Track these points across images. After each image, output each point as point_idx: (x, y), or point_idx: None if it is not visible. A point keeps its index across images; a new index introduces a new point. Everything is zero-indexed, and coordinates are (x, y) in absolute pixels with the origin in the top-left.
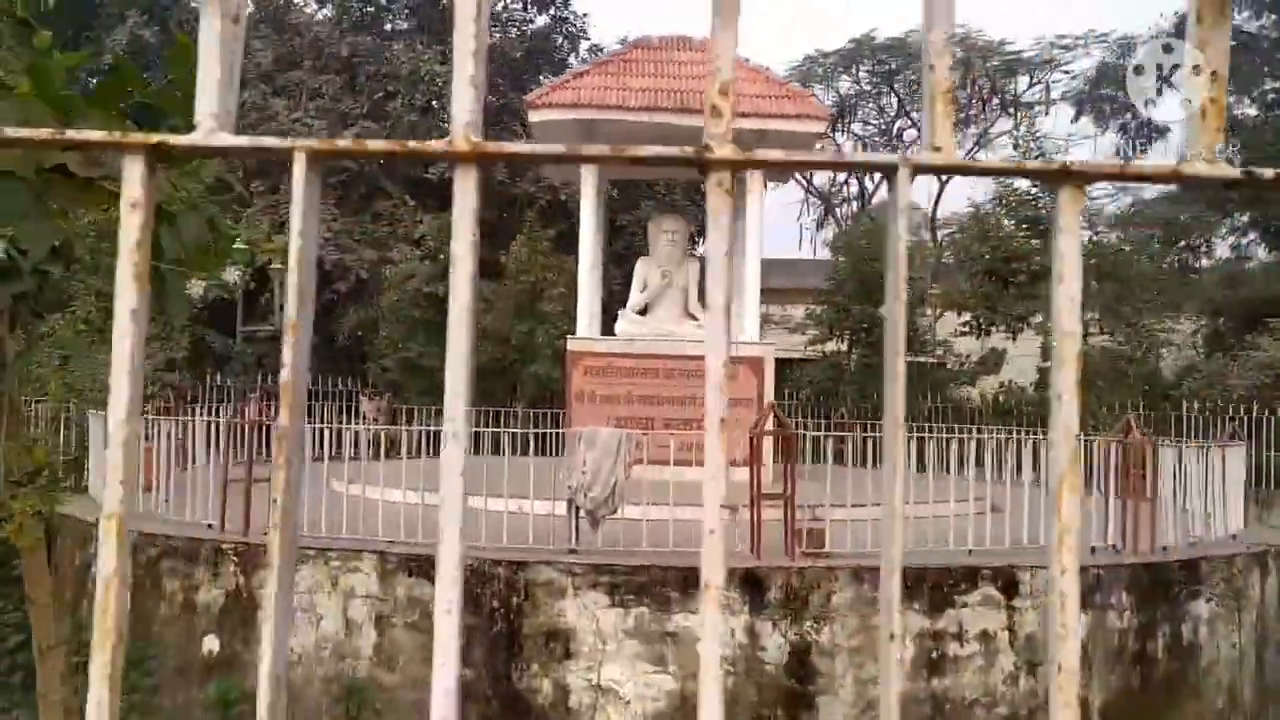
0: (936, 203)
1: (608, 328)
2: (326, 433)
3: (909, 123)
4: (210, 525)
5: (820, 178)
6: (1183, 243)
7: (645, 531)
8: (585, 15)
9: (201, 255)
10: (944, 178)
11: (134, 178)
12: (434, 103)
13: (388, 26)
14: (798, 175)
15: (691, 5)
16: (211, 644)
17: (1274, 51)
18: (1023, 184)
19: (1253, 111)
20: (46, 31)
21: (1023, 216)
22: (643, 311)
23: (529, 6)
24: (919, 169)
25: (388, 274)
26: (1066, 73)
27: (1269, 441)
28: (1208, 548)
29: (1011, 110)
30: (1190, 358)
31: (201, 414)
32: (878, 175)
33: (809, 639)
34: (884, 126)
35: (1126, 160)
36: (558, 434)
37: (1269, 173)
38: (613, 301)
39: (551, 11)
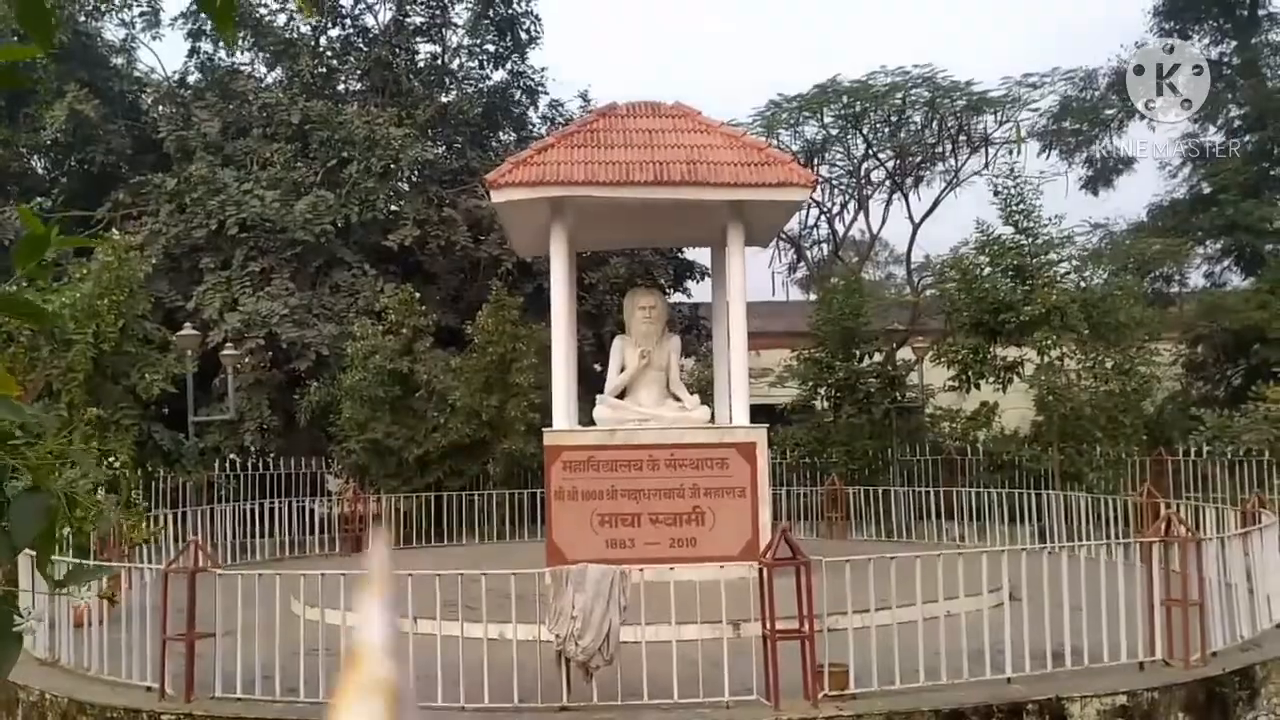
0: (912, 241)
1: (587, 396)
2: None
3: (876, 163)
4: (150, 689)
5: (790, 221)
6: (1156, 273)
7: (645, 663)
8: (544, 69)
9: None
10: (918, 218)
11: None
12: (392, 166)
13: (340, 87)
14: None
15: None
16: None
17: (1236, 78)
18: (1007, 230)
19: (1219, 138)
20: None
21: (1008, 265)
22: (622, 394)
23: (485, 65)
24: None
25: (349, 350)
26: (1034, 110)
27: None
28: (1259, 646)
29: (981, 148)
30: (1171, 389)
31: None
32: (848, 215)
33: None
34: (851, 167)
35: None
36: (537, 511)
37: None
38: (585, 362)
39: (509, 67)
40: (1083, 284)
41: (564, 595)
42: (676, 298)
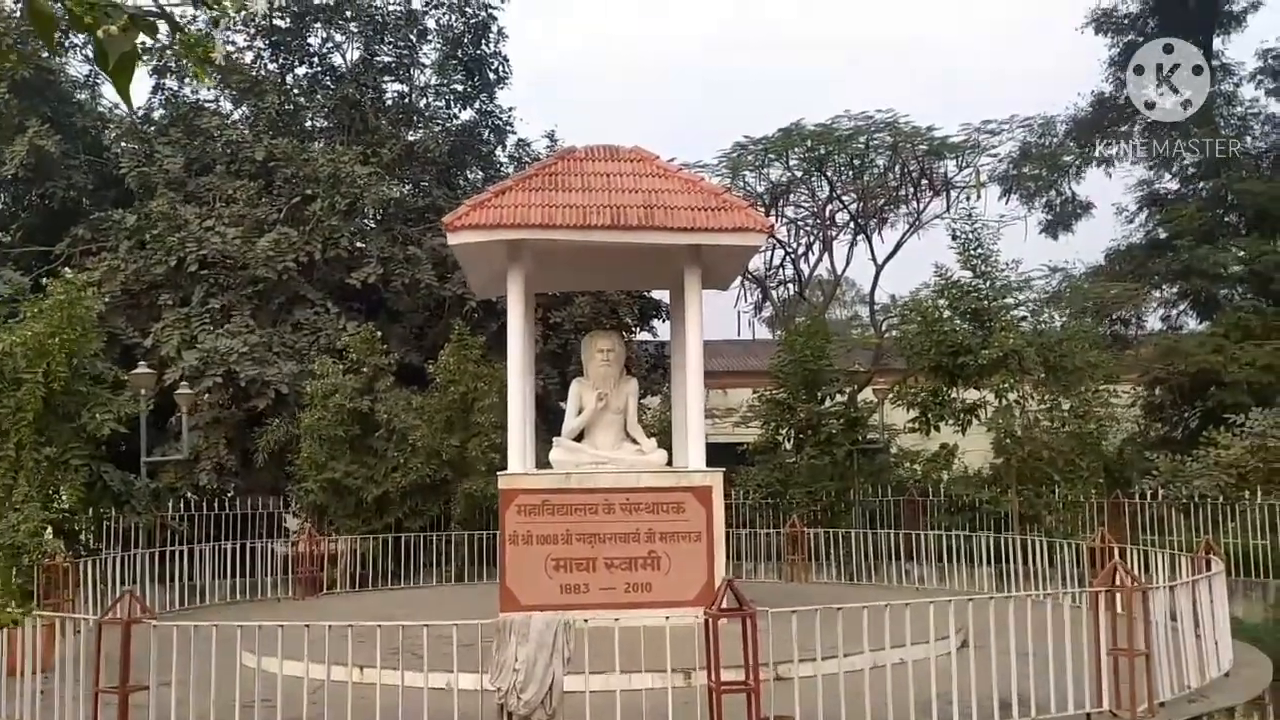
0: (875, 283)
1: (552, 436)
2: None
3: (840, 205)
4: None
5: (755, 261)
6: (1114, 316)
7: (589, 714)
8: (511, 109)
9: None
10: (881, 260)
11: None
12: (356, 203)
13: (307, 124)
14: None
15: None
16: None
17: (1189, 126)
18: (966, 274)
19: (1174, 185)
20: None
21: (966, 309)
22: (579, 437)
23: (452, 104)
24: None
25: (309, 388)
26: (994, 155)
27: (1234, 530)
28: (1207, 696)
29: (942, 193)
30: (1130, 430)
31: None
32: (813, 255)
33: None
34: (815, 209)
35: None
36: (498, 552)
37: None
38: (550, 401)
39: (476, 106)
40: (1040, 327)
41: (507, 647)
42: (643, 336)
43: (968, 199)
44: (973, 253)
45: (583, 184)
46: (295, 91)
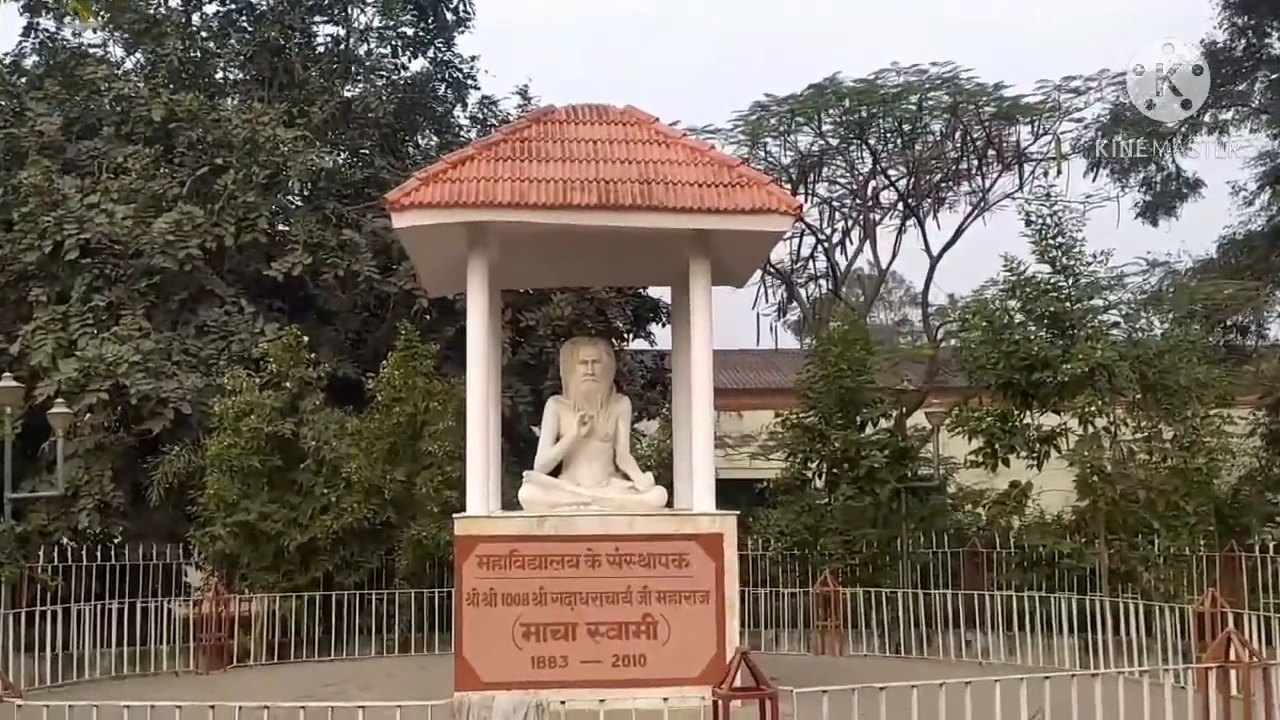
0: (929, 279)
1: (523, 468)
2: None
3: (886, 182)
4: None
5: (778, 250)
6: (1228, 321)
7: None
8: (474, 59)
9: None
10: (936, 250)
11: None
12: (279, 175)
13: (218, 76)
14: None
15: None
16: None
17: None
18: (1043, 268)
19: None
20: None
21: (1043, 312)
22: (557, 470)
23: (400, 51)
24: None
25: (217, 408)
26: (1077, 120)
27: None
28: None
29: (1013, 166)
30: (1248, 465)
31: None
32: (851, 244)
33: None
34: (855, 186)
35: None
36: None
37: None
38: (520, 426)
39: (430, 54)
40: (1136, 335)
41: None
42: (637, 344)
43: (1045, 174)
44: (1051, 242)
45: (563, 152)
46: (203, 35)
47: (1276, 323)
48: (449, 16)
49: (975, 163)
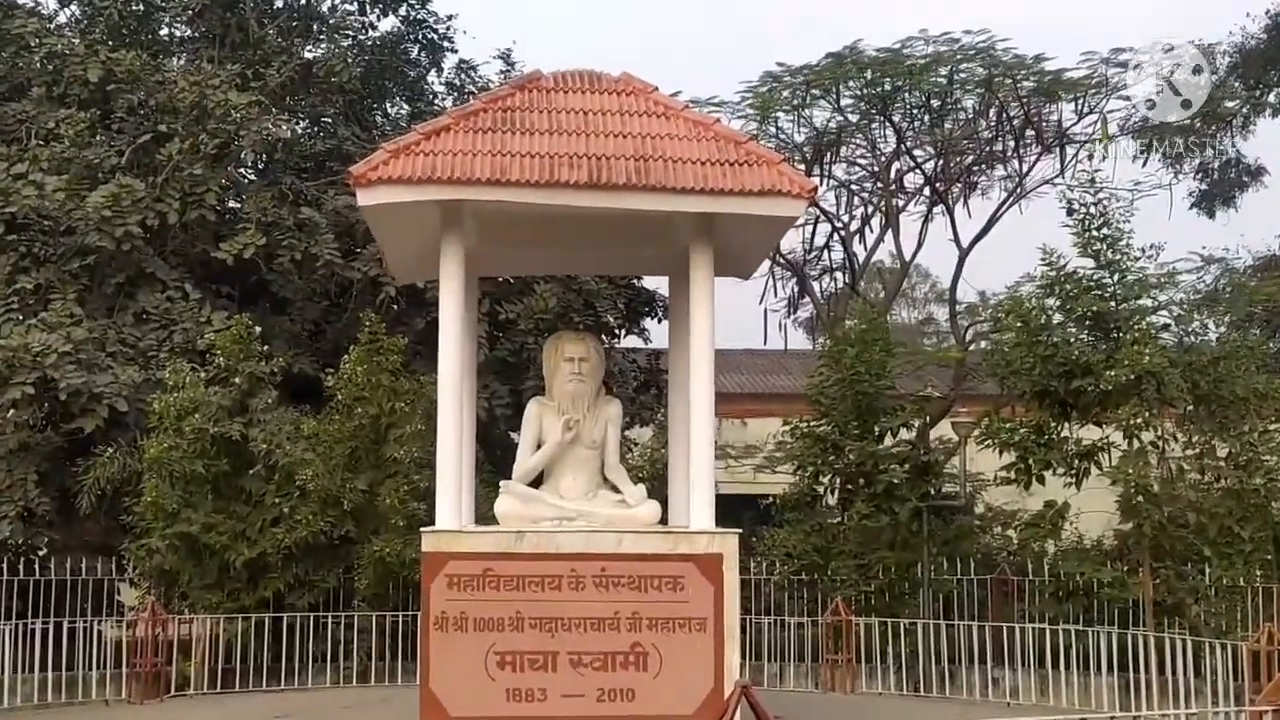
0: (958, 273)
1: (501, 478)
2: None
3: (911, 164)
4: None
5: (790, 239)
6: None
7: None
8: (451, 18)
9: None
10: (967, 241)
11: None
12: (230, 145)
13: (163, 32)
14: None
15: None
16: None
17: None
18: (1085, 262)
19: None
20: None
21: (1085, 312)
22: (538, 481)
23: (368, 9)
24: None
25: (156, 405)
26: (1127, 98)
27: None
28: None
29: (1054, 149)
30: None
31: None
32: (871, 233)
33: None
34: (876, 168)
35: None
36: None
37: None
38: (497, 430)
39: (402, 12)
40: (1189, 340)
41: None
42: (630, 342)
43: (1090, 158)
44: (1095, 234)
45: (550, 124)
46: None
47: None
48: None
49: (1011, 144)
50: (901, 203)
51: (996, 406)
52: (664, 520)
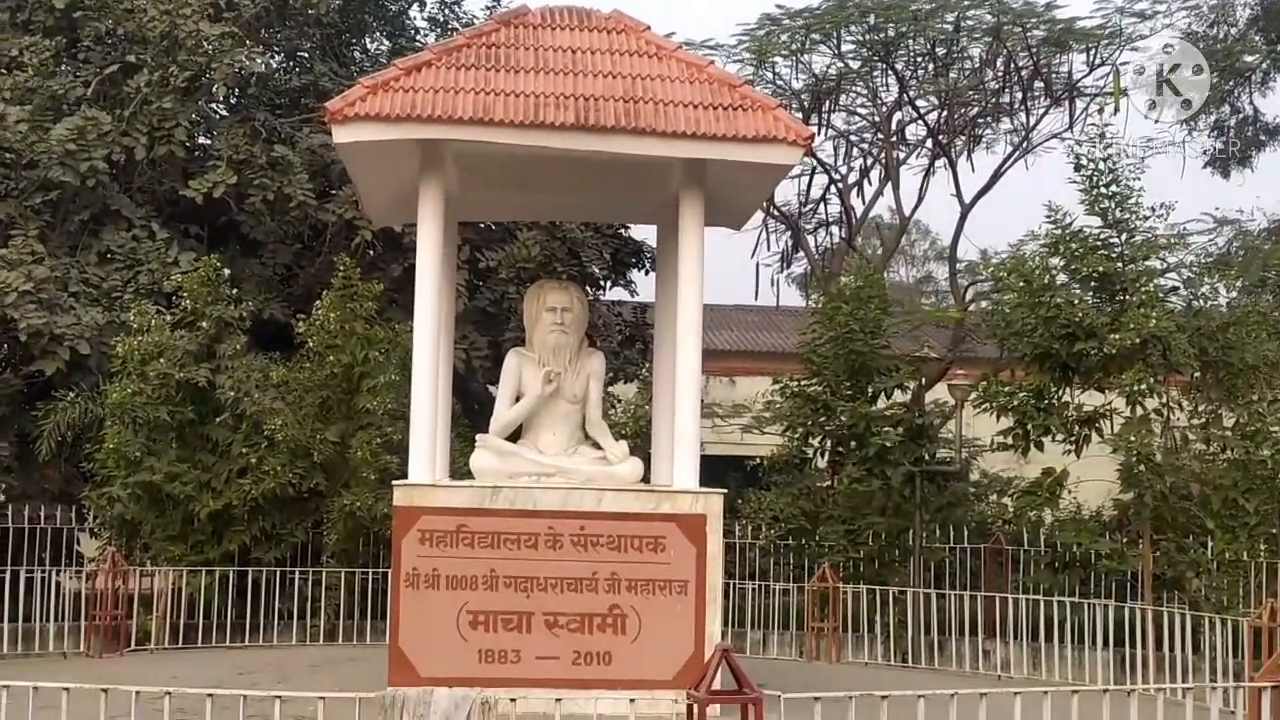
0: (959, 230)
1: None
2: None
3: (913, 114)
4: None
5: (784, 191)
6: None
7: None
8: None
9: None
10: (969, 199)
11: None
12: (201, 78)
13: None
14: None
15: None
16: None
17: None
18: (1092, 221)
19: None
20: None
21: (1091, 272)
22: (516, 435)
23: None
24: None
25: (120, 349)
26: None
27: None
28: None
29: (1064, 102)
30: None
31: None
32: (870, 186)
33: None
34: (877, 118)
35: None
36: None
37: None
38: (475, 383)
39: None
40: (1198, 304)
41: None
42: (615, 294)
43: (1100, 112)
44: (1104, 191)
45: (536, 62)
46: None
47: None
48: None
49: (1019, 95)
50: (902, 155)
51: (995, 369)
52: (646, 479)
